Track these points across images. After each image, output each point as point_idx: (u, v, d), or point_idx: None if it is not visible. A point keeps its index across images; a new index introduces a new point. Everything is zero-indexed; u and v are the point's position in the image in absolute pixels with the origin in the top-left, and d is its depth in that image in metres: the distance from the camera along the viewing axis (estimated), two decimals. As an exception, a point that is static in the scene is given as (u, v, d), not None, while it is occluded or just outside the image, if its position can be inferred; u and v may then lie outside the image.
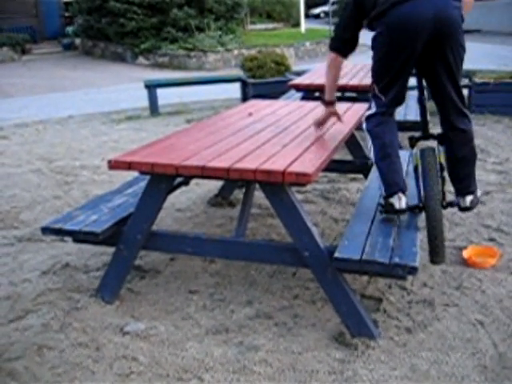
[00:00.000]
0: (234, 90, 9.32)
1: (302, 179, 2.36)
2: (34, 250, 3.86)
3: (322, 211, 4.35)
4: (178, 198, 4.65)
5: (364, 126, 2.96)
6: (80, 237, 2.89)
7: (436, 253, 2.76)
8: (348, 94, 6.00)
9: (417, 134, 3.05)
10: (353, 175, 4.99)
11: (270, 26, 25.30)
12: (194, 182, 4.37)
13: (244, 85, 8.72)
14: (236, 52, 17.15)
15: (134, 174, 3.68)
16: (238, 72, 10.34)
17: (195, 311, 2.98)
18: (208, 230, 4.02)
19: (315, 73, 6.43)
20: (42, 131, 8.00)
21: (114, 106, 9.91)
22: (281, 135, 3.10)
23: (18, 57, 21.34)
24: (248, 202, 3.16)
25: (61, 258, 3.65)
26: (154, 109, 8.89)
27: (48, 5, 25.41)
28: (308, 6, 28.38)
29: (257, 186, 3.35)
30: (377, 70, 2.86)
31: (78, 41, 23.49)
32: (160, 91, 9.03)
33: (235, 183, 4.47)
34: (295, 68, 10.09)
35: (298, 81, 6.00)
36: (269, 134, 3.13)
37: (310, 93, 5.93)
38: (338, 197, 4.67)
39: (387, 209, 2.84)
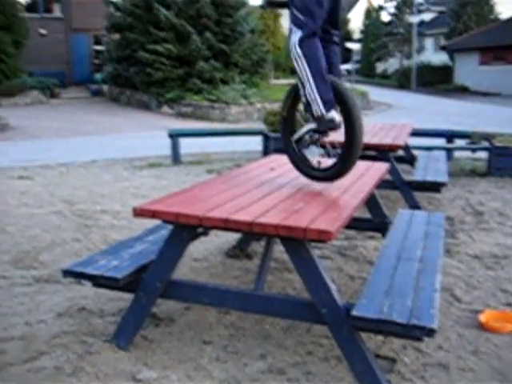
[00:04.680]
0: (255, 142, 9.46)
1: (323, 236, 2.39)
2: (51, 291, 3.89)
3: (338, 268, 4.35)
4: (196, 248, 4.68)
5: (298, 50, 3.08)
6: (100, 281, 2.92)
7: None
8: (368, 153, 6.07)
9: None
10: (370, 233, 5.00)
11: (293, 81, 25.75)
12: (212, 232, 4.41)
13: (266, 138, 8.86)
14: (259, 105, 17.48)
15: (155, 220, 3.75)
16: (259, 125, 10.51)
17: (208, 362, 2.96)
18: (224, 281, 4.03)
19: (336, 130, 6.52)
20: (66, 174, 8.15)
21: (136, 152, 10.09)
22: (302, 191, 3.15)
23: (47, 100, 21.96)
24: (268, 256, 3.18)
25: (77, 301, 3.67)
26: (176, 157, 9.04)
27: (79, 53, 26.33)
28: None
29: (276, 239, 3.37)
30: None
31: (105, 87, 24.13)
32: (182, 140, 9.21)
33: (253, 236, 4.50)
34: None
35: (319, 137, 6.07)
36: (291, 190, 3.18)
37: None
38: (354, 254, 4.67)
39: (328, 125, 3.05)
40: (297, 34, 3.07)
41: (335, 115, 3.03)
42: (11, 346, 3.09)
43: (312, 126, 3.16)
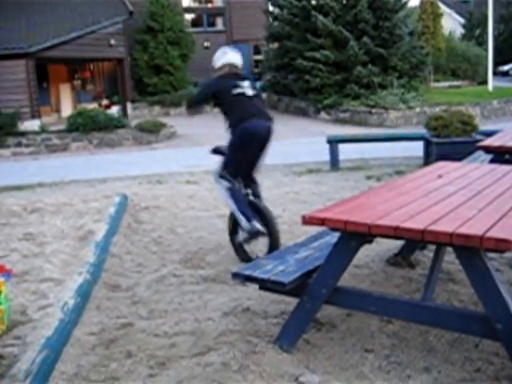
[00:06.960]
0: (415, 148, 9.18)
1: (501, 246, 2.25)
2: (217, 290, 4.08)
3: (509, 281, 4.07)
4: (357, 254, 4.63)
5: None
6: (267, 285, 3.00)
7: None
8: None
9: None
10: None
11: (455, 83, 24.69)
12: (373, 239, 4.35)
13: (427, 144, 8.56)
14: (418, 110, 16.96)
15: (316, 227, 3.78)
16: (418, 130, 10.17)
17: (370, 371, 2.92)
18: (386, 289, 3.94)
19: (507, 134, 6.12)
20: (229, 179, 8.48)
21: (295, 158, 10.27)
22: (474, 199, 3.00)
23: (210, 109, 23.03)
24: (437, 266, 3.07)
25: (242, 302, 3.80)
26: (334, 163, 9.06)
27: (240, 62, 27.26)
28: (496, 63, 27.22)
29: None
30: None
31: (264, 95, 24.84)
32: (340, 146, 9.20)
33: (417, 244, 4.36)
34: (481, 128, 9.70)
35: (488, 142, 5.74)
36: (461, 198, 3.04)
37: (500, 155, 5.64)
38: (527, 268, 4.35)
39: (254, 232, 4.47)
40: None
41: (257, 225, 4.50)
42: (182, 340, 3.28)
43: (245, 235, 4.62)
